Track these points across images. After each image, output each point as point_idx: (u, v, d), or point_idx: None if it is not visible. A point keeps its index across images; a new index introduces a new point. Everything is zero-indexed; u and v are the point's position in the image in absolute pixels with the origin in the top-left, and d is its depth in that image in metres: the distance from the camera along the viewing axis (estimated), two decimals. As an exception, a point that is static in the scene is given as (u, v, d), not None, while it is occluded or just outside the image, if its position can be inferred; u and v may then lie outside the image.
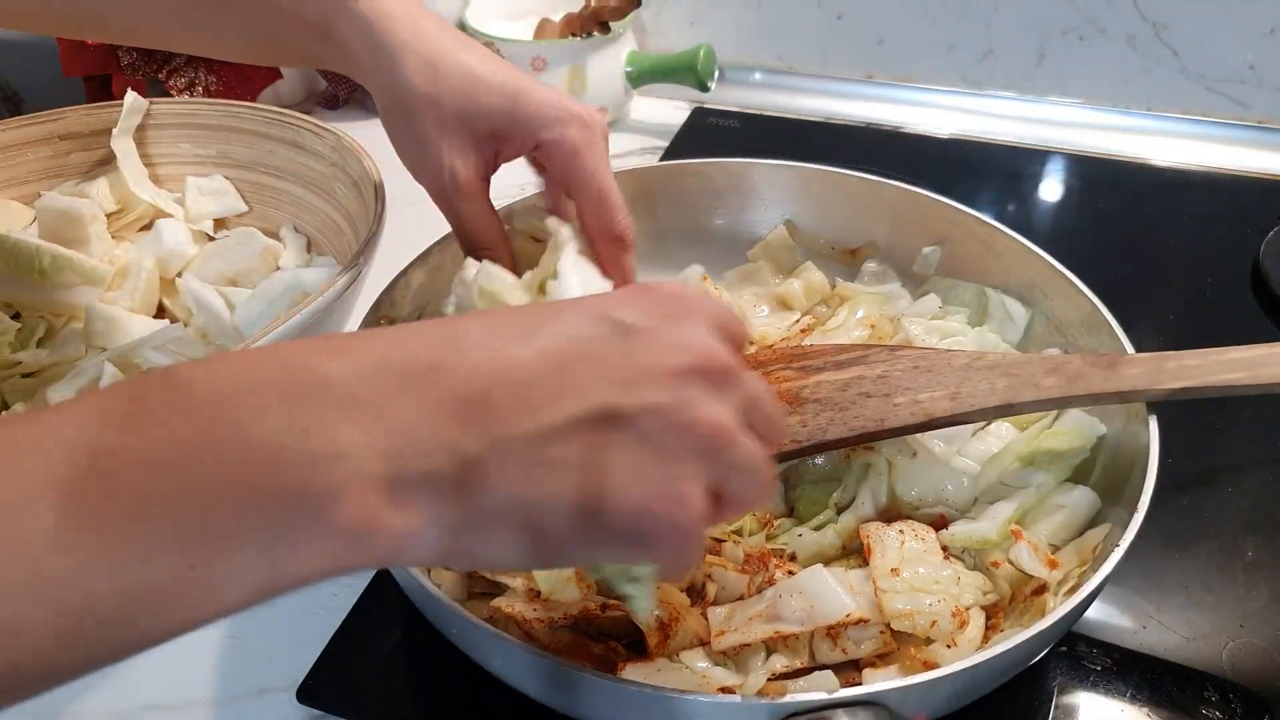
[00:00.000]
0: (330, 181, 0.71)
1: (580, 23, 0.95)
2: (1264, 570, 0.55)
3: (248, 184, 0.76)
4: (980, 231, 0.63)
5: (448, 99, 0.48)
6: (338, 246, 0.71)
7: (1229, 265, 0.79)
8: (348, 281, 0.55)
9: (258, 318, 0.67)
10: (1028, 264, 0.60)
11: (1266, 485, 0.60)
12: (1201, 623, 0.53)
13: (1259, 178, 0.90)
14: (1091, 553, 0.47)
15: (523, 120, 0.49)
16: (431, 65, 0.48)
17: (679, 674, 0.44)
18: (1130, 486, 0.47)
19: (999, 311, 0.62)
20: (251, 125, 0.75)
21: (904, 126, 1.00)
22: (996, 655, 0.39)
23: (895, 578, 0.47)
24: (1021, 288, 0.61)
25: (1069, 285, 0.57)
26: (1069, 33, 0.95)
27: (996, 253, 0.62)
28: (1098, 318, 0.55)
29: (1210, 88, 0.94)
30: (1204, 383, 0.47)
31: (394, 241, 0.60)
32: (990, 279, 0.62)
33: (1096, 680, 0.50)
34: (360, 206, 0.66)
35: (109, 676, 0.52)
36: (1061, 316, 0.58)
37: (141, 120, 0.75)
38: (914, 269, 0.66)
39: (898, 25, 1.00)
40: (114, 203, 0.75)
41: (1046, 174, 0.92)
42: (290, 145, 0.73)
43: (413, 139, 0.50)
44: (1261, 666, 0.50)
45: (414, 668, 0.51)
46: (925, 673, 0.38)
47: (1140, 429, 0.49)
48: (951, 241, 0.64)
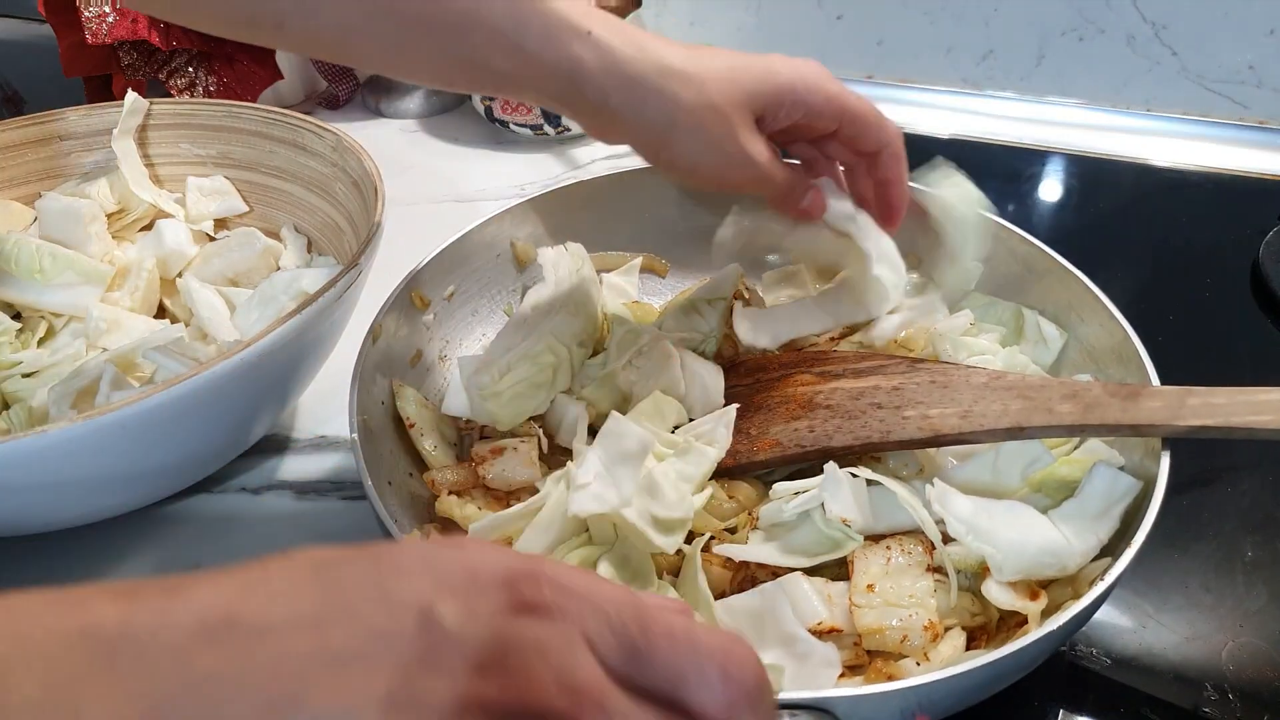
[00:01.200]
0: (331, 182, 0.71)
1: (580, 23, 0.95)
2: (1263, 570, 0.55)
3: (248, 184, 0.76)
4: (1021, 250, 0.62)
5: (723, 100, 0.50)
6: (338, 246, 0.71)
7: (1228, 265, 0.79)
8: (348, 282, 0.55)
9: (257, 319, 0.67)
10: (1066, 285, 0.59)
11: (1265, 486, 0.60)
12: (1201, 623, 0.53)
13: (1258, 178, 0.90)
14: (1087, 586, 0.45)
15: (787, 92, 0.52)
16: (687, 76, 0.50)
17: None
18: (1134, 524, 0.46)
19: (1034, 333, 0.60)
20: (251, 125, 0.75)
21: (904, 127, 0.97)
22: (948, 676, 0.38)
23: (870, 593, 0.46)
24: (1059, 310, 0.60)
25: (1104, 310, 0.56)
26: (1068, 33, 0.95)
27: (1037, 273, 0.61)
28: (1129, 347, 0.53)
29: (1210, 88, 0.94)
30: (1226, 423, 0.45)
31: (391, 242, 0.60)
32: (1028, 299, 0.62)
33: (1096, 680, 0.50)
34: (361, 206, 0.66)
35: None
36: (1094, 343, 0.57)
37: (141, 120, 0.75)
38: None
39: (897, 26, 1.00)
40: (114, 203, 0.75)
41: (1046, 174, 0.93)
42: (290, 145, 0.73)
43: (712, 150, 0.52)
44: (1261, 666, 0.50)
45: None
46: (878, 684, 0.38)
47: (1151, 464, 0.47)
48: (993, 258, 0.63)
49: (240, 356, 0.49)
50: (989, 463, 0.51)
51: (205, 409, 0.52)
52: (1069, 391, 0.49)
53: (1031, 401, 0.49)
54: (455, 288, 0.64)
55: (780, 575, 0.47)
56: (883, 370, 0.55)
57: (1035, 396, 0.49)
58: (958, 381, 0.52)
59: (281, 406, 0.63)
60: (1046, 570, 0.46)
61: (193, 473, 0.59)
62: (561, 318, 0.58)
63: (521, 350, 0.56)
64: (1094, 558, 0.46)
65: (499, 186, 0.93)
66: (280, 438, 0.67)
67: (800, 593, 0.46)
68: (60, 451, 0.47)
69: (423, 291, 0.61)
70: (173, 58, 0.92)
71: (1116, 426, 0.47)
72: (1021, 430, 0.48)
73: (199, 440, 0.56)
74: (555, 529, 0.48)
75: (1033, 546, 0.46)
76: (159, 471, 0.56)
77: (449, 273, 0.63)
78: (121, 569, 0.58)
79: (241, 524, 0.61)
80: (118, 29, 0.86)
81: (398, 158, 0.98)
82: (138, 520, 0.60)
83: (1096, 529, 0.47)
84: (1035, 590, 0.46)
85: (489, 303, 0.66)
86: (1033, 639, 0.40)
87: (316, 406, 0.67)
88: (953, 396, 0.51)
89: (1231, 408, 0.45)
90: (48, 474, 0.49)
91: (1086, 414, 0.47)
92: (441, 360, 0.63)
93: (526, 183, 0.93)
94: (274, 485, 0.63)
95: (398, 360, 0.59)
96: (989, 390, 0.51)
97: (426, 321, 0.62)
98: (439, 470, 0.55)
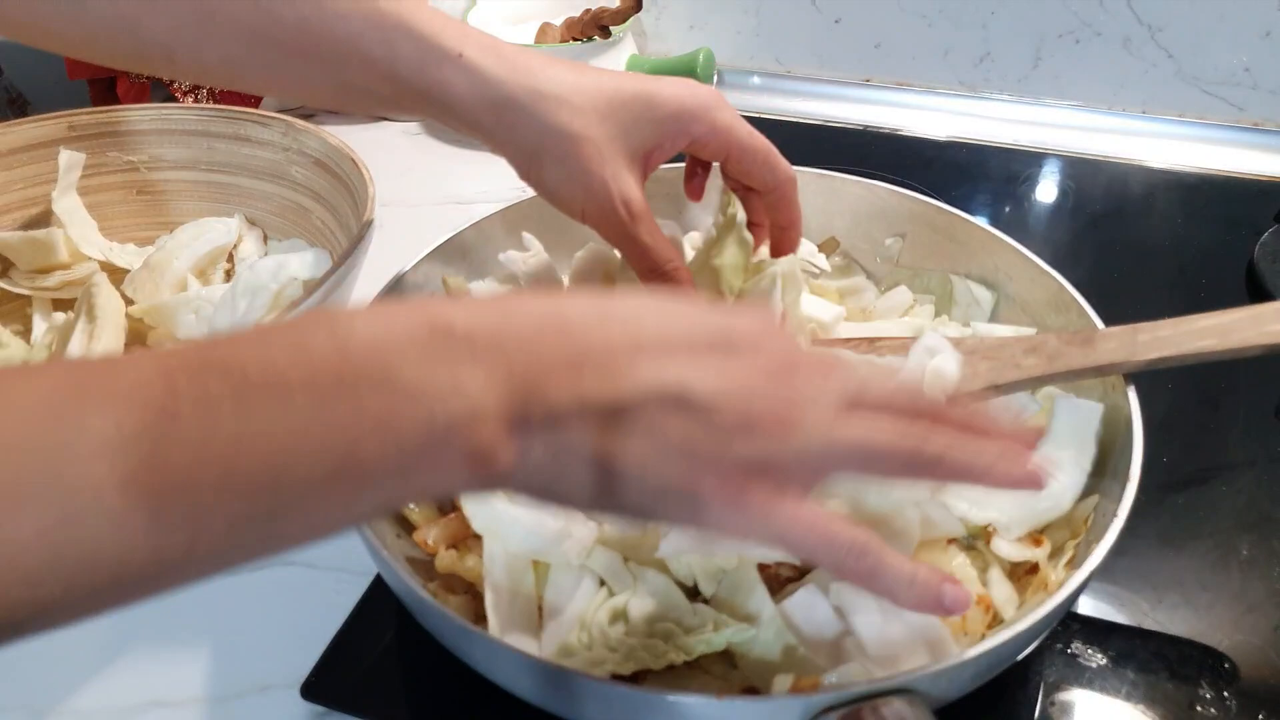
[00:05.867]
0: (285, 166, 0.71)
1: (581, 27, 0.95)
2: (1259, 568, 0.55)
3: (194, 184, 0.76)
4: (940, 220, 0.63)
5: (595, 130, 0.48)
6: (304, 225, 0.70)
7: (1224, 267, 0.79)
8: (345, 271, 0.55)
9: (246, 308, 0.64)
10: (990, 249, 0.61)
11: (1261, 484, 0.61)
12: (1197, 620, 0.53)
13: (1254, 179, 0.91)
14: (1083, 524, 0.48)
15: (670, 123, 0.50)
16: (559, 100, 0.48)
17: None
18: (1115, 457, 0.48)
19: (964, 297, 0.62)
20: (190, 126, 0.74)
21: (901, 129, 1.01)
22: (1024, 630, 0.39)
23: None
24: (985, 273, 0.62)
25: (1033, 266, 0.58)
26: (1065, 36, 0.96)
27: (959, 240, 0.62)
28: (1065, 296, 0.56)
29: (1206, 90, 0.95)
30: (1178, 351, 0.48)
31: (393, 243, 0.60)
32: (954, 266, 0.63)
33: (1092, 677, 0.50)
34: (328, 182, 0.66)
35: (111, 673, 0.53)
36: (1027, 298, 0.59)
37: (78, 175, 0.74)
38: (877, 261, 0.67)
39: (895, 29, 1.01)
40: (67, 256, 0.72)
41: (1043, 176, 0.93)
42: (233, 139, 0.73)
43: (573, 182, 0.49)
44: (1257, 664, 0.51)
45: (421, 664, 0.51)
46: (954, 655, 0.38)
47: (1120, 400, 0.50)
48: (913, 232, 0.64)
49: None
50: None
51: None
52: (1028, 346, 0.51)
53: (997, 361, 0.51)
54: None
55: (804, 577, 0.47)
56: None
57: (999, 356, 0.51)
58: None
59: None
60: (1048, 515, 0.48)
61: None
62: None
63: None
64: (1083, 495, 0.48)
65: (501, 189, 0.94)
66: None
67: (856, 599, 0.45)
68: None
69: None
70: (175, 61, 0.92)
71: (1082, 370, 0.50)
72: (996, 388, 0.50)
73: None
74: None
75: (1029, 498, 0.47)
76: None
77: None
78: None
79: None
80: (121, 32, 0.86)
81: (399, 160, 0.99)
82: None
83: (1078, 460, 0.49)
84: (1038, 538, 0.48)
85: None
86: (1085, 573, 0.41)
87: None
88: None
89: (1178, 337, 0.48)
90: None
91: (1051, 364, 0.50)
92: None
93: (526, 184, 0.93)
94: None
95: None
96: None
97: None
98: (426, 527, 0.51)
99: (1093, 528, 0.47)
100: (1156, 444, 0.48)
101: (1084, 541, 0.46)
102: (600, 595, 0.46)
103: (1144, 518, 0.44)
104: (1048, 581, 0.46)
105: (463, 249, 0.63)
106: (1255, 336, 0.47)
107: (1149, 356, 0.48)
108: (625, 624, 0.44)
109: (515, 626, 0.45)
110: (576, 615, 0.45)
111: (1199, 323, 0.49)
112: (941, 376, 0.50)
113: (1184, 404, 0.66)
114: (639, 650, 0.43)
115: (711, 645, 0.43)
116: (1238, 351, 0.48)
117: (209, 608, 0.55)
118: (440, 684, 0.50)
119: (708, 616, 0.44)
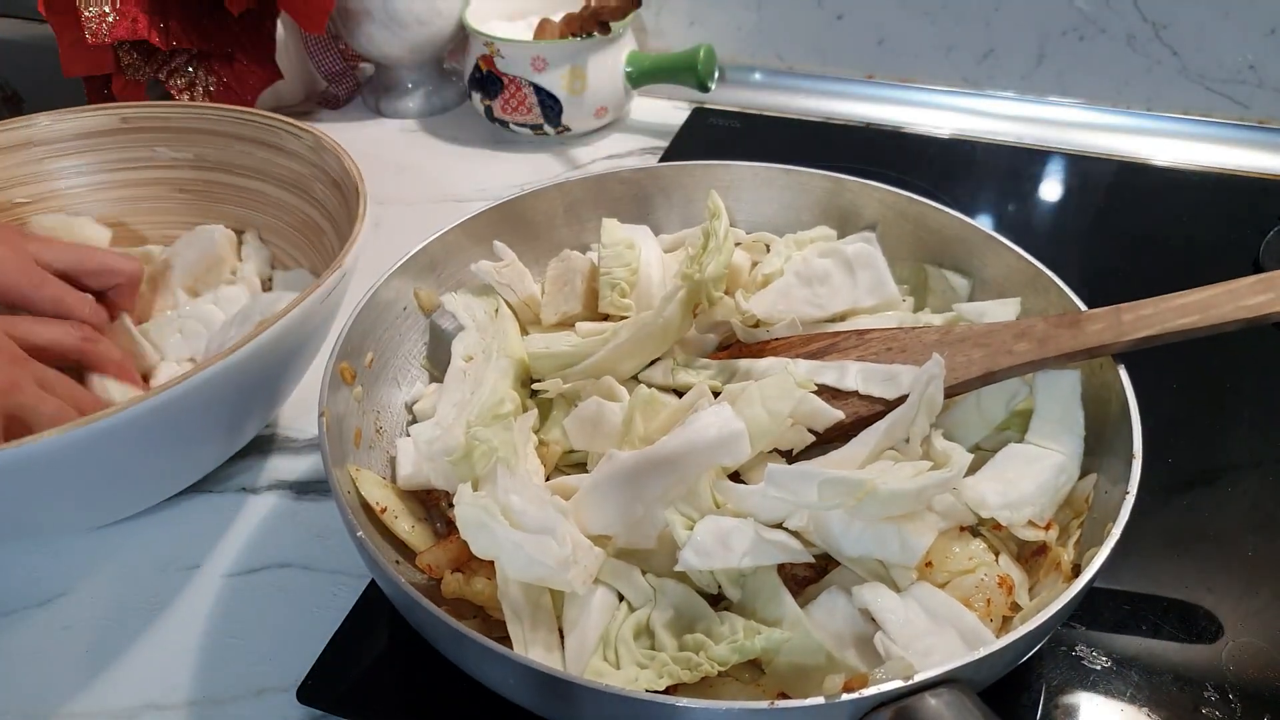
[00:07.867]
0: (309, 181, 0.70)
1: (580, 23, 0.95)
2: (1264, 570, 0.55)
3: (221, 186, 0.76)
4: (911, 210, 0.63)
5: None
6: (317, 246, 0.70)
7: (1229, 265, 0.79)
8: (334, 284, 0.55)
9: (235, 337, 0.63)
10: (962, 236, 0.61)
11: (1266, 485, 0.60)
12: (1201, 622, 0.52)
13: (1259, 177, 0.90)
14: (1085, 503, 0.48)
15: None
16: None
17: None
18: (1112, 434, 0.48)
19: (940, 284, 0.62)
20: (225, 127, 0.74)
21: (904, 127, 1.00)
22: (1062, 606, 0.39)
23: (933, 570, 0.46)
24: (959, 260, 0.61)
25: (1007, 251, 0.58)
26: (1069, 33, 0.95)
27: (931, 229, 0.62)
28: (1043, 279, 0.56)
29: (1210, 88, 0.94)
30: (1164, 329, 0.48)
31: (390, 240, 0.60)
32: (927, 256, 0.63)
33: (1096, 679, 0.50)
34: (341, 204, 0.66)
35: (107, 676, 0.52)
36: (1004, 282, 0.59)
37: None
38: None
39: (898, 26, 1.00)
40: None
41: (1046, 174, 0.92)
42: (266, 146, 0.72)
43: None
44: (1262, 667, 0.50)
45: (416, 667, 0.51)
46: (995, 641, 0.38)
47: (1111, 377, 0.50)
48: (884, 224, 0.64)
49: (226, 362, 0.50)
50: (972, 404, 0.53)
51: (198, 411, 0.52)
52: (1018, 331, 0.52)
53: (989, 347, 0.51)
54: (373, 353, 0.57)
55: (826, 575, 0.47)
56: (836, 348, 0.55)
57: (991, 342, 0.52)
58: (911, 343, 0.53)
59: (271, 407, 0.62)
60: (1062, 489, 0.49)
61: (187, 475, 0.60)
62: (500, 361, 0.56)
63: (477, 406, 0.53)
64: (1081, 474, 0.50)
65: (498, 186, 0.93)
66: (279, 437, 0.67)
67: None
68: (44, 461, 0.47)
69: (349, 362, 0.55)
70: (172, 57, 0.92)
71: (1073, 353, 0.50)
72: (992, 375, 0.51)
73: (192, 442, 0.56)
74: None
75: (1040, 478, 0.48)
76: (155, 475, 0.57)
77: (365, 336, 0.56)
78: (122, 568, 0.58)
79: (241, 524, 0.61)
80: (118, 29, 0.86)
81: (397, 157, 0.98)
82: (138, 520, 0.60)
83: (1071, 427, 0.50)
84: (1046, 523, 0.48)
85: (403, 360, 0.61)
86: (1116, 538, 0.41)
87: (315, 405, 0.67)
88: (913, 359, 0.52)
89: (1161, 315, 0.49)
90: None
91: (1043, 348, 0.50)
92: (378, 434, 0.57)
93: (525, 182, 0.93)
94: (274, 485, 0.63)
95: (346, 444, 0.53)
96: (944, 346, 0.52)
97: (357, 395, 0.55)
98: (428, 552, 0.50)
99: (1095, 505, 0.47)
100: (1161, 445, 0.47)
101: (1089, 519, 0.46)
102: (621, 611, 0.45)
103: (1148, 519, 0.44)
104: (1059, 561, 0.46)
105: (431, 262, 0.61)
106: (1233, 311, 0.48)
107: (1136, 336, 0.49)
108: (650, 638, 0.44)
109: (538, 644, 0.45)
110: (598, 633, 0.44)
111: (1179, 300, 0.49)
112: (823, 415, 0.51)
113: (1189, 405, 0.65)
114: (671, 664, 0.42)
115: (745, 653, 0.42)
116: (1218, 327, 0.48)
117: (204, 611, 0.55)
118: (436, 687, 0.50)
119: (737, 624, 0.43)
